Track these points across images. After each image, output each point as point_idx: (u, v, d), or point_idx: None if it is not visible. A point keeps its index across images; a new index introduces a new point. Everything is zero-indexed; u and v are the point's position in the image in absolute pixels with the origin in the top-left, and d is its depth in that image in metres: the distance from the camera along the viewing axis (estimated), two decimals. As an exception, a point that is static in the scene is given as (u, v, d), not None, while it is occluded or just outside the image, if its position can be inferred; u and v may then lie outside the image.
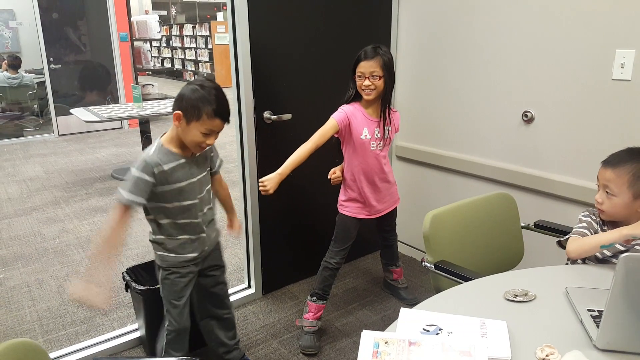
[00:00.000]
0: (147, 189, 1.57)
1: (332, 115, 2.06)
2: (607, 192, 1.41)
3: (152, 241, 1.73)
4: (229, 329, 2.00)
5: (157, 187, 1.59)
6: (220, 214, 1.84)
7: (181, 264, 1.72)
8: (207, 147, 1.64)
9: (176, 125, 1.58)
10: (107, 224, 1.56)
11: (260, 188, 1.90)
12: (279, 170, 1.91)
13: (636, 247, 1.40)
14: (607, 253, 1.43)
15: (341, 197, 2.26)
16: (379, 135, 2.10)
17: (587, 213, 1.53)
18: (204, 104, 1.53)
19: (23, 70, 6.91)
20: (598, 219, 1.49)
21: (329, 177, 2.22)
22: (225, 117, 1.58)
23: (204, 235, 1.76)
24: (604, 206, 1.43)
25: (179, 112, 1.55)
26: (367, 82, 1.99)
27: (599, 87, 2.03)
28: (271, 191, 1.88)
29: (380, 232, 2.50)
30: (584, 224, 1.49)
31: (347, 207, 2.23)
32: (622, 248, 1.41)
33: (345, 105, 2.09)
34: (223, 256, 1.94)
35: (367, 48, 2.01)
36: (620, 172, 1.38)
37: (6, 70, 6.83)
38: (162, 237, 1.69)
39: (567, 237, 1.49)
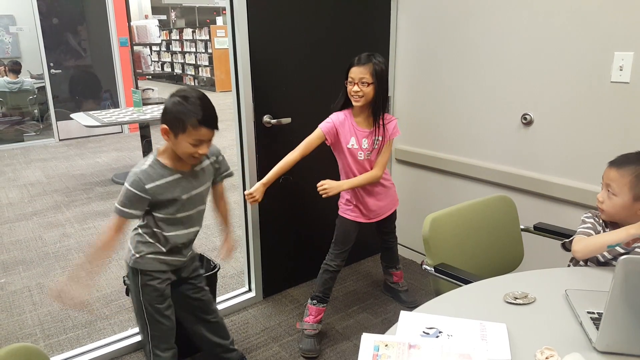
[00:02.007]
0: (141, 203, 1.58)
1: (319, 125, 2.06)
2: (608, 190, 1.42)
3: (139, 242, 1.70)
4: (219, 330, 1.98)
5: (152, 200, 1.59)
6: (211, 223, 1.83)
7: (160, 270, 1.73)
8: (201, 157, 1.61)
9: (165, 139, 1.58)
10: (102, 233, 1.59)
11: (249, 200, 1.98)
12: (264, 180, 1.99)
13: (637, 249, 1.40)
14: (608, 256, 1.43)
15: (341, 200, 2.26)
16: (367, 145, 2.09)
17: (589, 215, 1.53)
18: (186, 115, 1.51)
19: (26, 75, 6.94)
20: (600, 220, 1.49)
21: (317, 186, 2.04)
22: (211, 125, 1.56)
23: (188, 242, 1.76)
24: (604, 205, 1.44)
25: (164, 126, 1.54)
26: (355, 88, 1.98)
27: (597, 90, 2.03)
28: (259, 200, 1.98)
29: (379, 234, 2.50)
30: (589, 225, 1.49)
31: (346, 211, 2.23)
32: (622, 250, 1.42)
33: (334, 113, 2.08)
34: (200, 265, 1.95)
35: (362, 54, 2.00)
36: (624, 173, 1.39)
37: (6, 76, 6.85)
38: (151, 241, 1.69)
39: (571, 238, 1.49)
